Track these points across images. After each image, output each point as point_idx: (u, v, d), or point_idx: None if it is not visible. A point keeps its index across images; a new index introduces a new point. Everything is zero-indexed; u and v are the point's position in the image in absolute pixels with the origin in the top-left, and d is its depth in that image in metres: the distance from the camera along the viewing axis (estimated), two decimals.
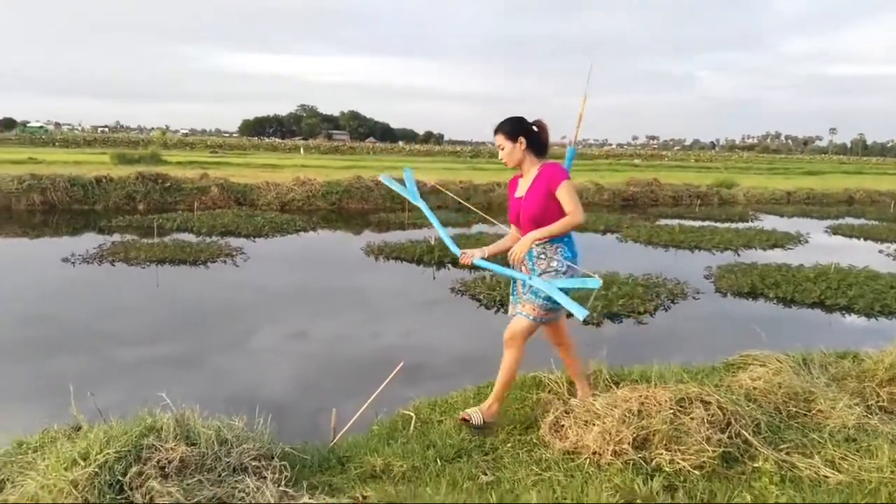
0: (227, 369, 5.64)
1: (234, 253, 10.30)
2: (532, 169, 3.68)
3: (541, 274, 3.58)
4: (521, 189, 3.76)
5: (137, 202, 16.00)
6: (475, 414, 3.78)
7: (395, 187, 4.25)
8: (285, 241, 12.31)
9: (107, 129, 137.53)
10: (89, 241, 10.89)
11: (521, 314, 3.64)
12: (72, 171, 17.49)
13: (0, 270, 9.42)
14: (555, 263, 3.48)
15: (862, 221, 18.25)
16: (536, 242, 3.55)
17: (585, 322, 7.07)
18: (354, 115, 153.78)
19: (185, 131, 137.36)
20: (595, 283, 3.23)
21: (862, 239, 14.90)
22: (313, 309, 7.71)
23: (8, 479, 2.99)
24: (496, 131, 3.72)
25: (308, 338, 6.68)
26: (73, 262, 9.31)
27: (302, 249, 11.96)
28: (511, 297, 3.92)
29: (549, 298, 3.46)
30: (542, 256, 3.56)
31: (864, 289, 8.39)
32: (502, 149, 3.68)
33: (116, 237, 11.46)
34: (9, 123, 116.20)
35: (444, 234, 3.93)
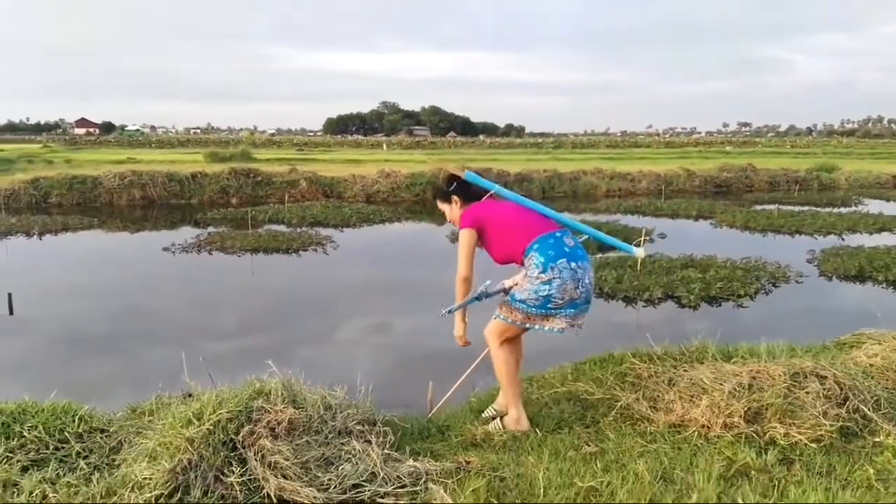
0: (318, 353, 5.77)
1: (324, 242, 10.54)
2: None
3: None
4: None
5: (231, 196, 16.61)
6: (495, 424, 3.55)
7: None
8: (372, 231, 12.51)
9: (199, 131, 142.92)
10: (187, 233, 11.37)
11: (495, 315, 3.59)
12: (168, 169, 18.31)
13: (108, 259, 9.94)
14: (529, 270, 3.45)
15: None
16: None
17: (683, 305, 6.89)
18: (435, 111, 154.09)
19: (271, 131, 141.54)
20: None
21: None
22: (401, 295, 7.79)
23: (124, 441, 3.13)
24: (433, 198, 3.85)
25: (396, 323, 6.75)
26: (172, 252, 9.73)
27: (388, 238, 12.13)
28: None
29: (522, 301, 3.43)
30: (524, 267, 3.54)
31: None
32: (444, 212, 3.76)
33: (211, 228, 11.91)
34: (108, 127, 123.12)
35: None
